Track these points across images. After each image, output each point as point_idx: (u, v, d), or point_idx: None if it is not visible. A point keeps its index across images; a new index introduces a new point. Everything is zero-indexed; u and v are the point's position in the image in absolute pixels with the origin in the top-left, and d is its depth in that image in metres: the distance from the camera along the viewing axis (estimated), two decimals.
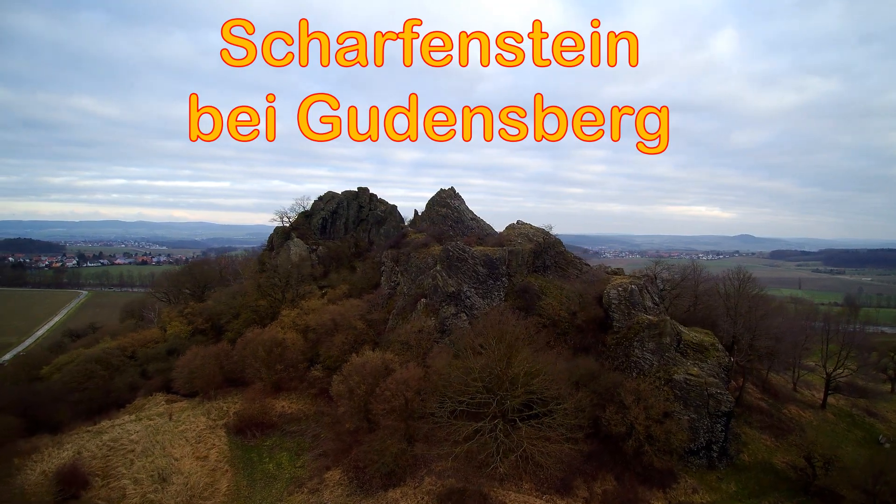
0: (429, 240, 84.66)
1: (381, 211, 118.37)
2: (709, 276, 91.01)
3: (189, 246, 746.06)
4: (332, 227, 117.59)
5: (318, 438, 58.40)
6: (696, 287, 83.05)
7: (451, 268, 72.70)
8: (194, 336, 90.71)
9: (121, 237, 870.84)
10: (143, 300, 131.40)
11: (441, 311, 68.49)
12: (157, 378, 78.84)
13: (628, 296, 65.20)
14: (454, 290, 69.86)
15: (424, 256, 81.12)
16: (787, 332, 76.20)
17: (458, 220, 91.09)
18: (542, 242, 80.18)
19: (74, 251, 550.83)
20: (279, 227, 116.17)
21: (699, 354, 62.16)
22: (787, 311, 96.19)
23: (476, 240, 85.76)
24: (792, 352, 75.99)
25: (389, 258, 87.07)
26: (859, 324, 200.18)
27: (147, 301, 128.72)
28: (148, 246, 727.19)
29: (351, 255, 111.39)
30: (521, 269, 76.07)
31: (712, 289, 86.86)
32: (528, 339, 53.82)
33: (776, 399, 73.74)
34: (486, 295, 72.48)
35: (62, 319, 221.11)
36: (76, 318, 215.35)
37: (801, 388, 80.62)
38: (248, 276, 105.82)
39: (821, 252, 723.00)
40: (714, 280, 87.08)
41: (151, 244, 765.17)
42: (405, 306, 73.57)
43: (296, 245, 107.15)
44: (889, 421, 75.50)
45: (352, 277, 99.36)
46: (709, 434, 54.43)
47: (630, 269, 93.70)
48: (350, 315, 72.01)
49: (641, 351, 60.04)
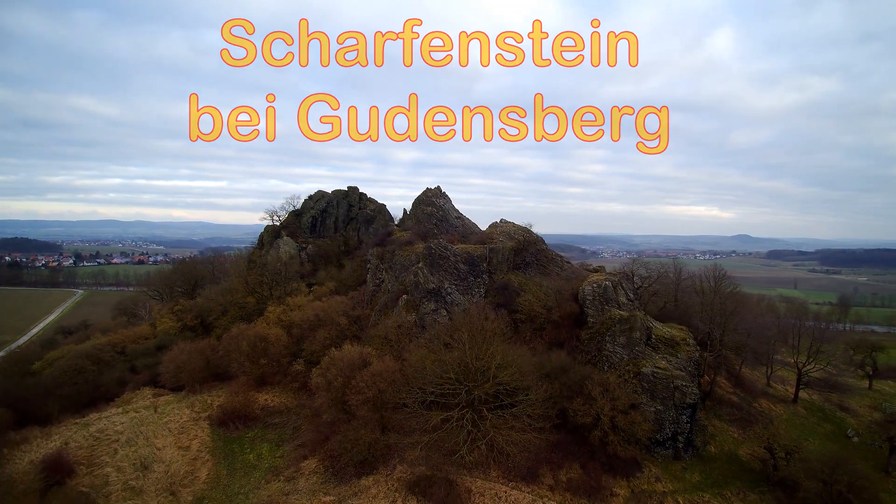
0: (413, 238, 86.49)
1: (370, 210, 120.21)
2: (688, 275, 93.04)
3: (187, 245, 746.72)
4: (322, 225, 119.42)
5: (299, 430, 60.17)
6: (677, 285, 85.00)
7: (433, 265, 74.47)
8: (183, 332, 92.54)
9: (119, 237, 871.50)
10: (136, 298, 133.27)
11: (421, 307, 70.28)
12: (145, 373, 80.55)
13: (602, 292, 67.02)
14: (435, 286, 71.65)
15: (408, 254, 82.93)
16: (757, 327, 78.10)
17: (442, 219, 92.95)
18: (523, 240, 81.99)
19: (71, 251, 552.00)
20: (269, 225, 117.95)
21: (670, 349, 63.93)
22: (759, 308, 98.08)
23: (459, 238, 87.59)
24: (764, 347, 77.88)
25: (375, 256, 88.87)
26: (849, 322, 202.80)
27: (139, 299, 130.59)
28: (145, 245, 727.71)
29: (340, 254, 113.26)
30: (502, 267, 77.89)
31: (690, 286, 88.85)
32: (501, 333, 55.56)
33: (748, 393, 75.52)
34: (467, 291, 74.29)
35: (57, 318, 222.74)
36: (70, 316, 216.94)
37: (774, 384, 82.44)
38: (237, 273, 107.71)
39: (817, 252, 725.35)
40: (692, 277, 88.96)
41: (149, 244, 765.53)
42: (388, 302, 75.37)
43: (285, 243, 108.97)
44: (860, 416, 77.26)
45: (339, 275, 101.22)
46: (674, 425, 56.22)
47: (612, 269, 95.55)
48: (334, 311, 73.76)
49: (613, 345, 61.83)
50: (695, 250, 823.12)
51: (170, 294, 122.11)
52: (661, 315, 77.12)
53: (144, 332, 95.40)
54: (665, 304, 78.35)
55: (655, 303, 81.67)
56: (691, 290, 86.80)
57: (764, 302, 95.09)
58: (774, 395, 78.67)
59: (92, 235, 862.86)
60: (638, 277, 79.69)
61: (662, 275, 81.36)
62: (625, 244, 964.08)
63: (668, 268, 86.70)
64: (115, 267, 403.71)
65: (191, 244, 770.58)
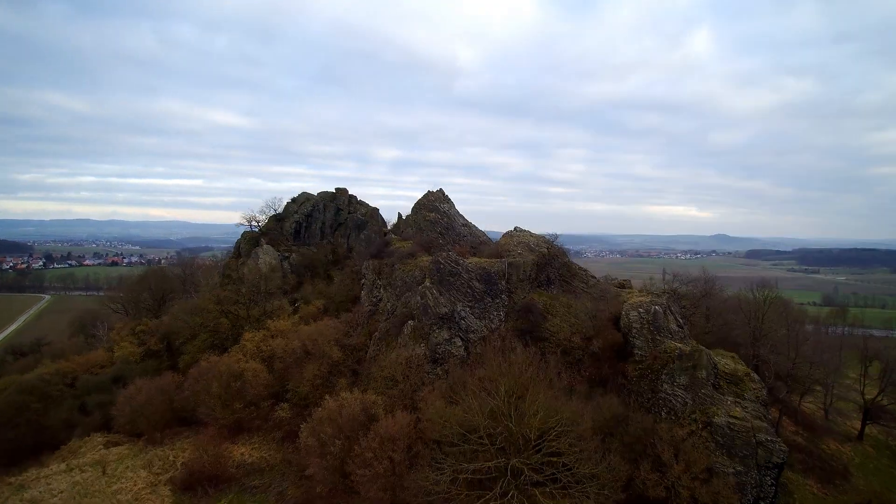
0: (416, 249, 74.32)
1: (361, 214, 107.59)
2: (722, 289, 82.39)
3: (164, 245, 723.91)
4: (307, 231, 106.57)
5: (285, 498, 47.83)
6: (708, 300, 74.00)
7: (443, 283, 62.49)
8: (145, 360, 79.28)
9: (93, 236, 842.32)
10: (97, 312, 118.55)
11: (432, 336, 58.21)
12: (97, 414, 67.32)
13: (652, 319, 55.57)
14: (447, 310, 59.62)
15: (411, 269, 70.79)
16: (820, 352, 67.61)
17: (448, 227, 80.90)
18: (546, 253, 70.26)
19: (43, 251, 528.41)
20: (247, 232, 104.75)
21: (735, 388, 52.93)
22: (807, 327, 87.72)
23: (469, 249, 75.65)
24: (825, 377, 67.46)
25: (371, 270, 76.51)
26: (847, 325, 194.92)
27: (101, 313, 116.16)
28: (120, 246, 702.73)
29: (328, 263, 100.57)
30: (523, 285, 66.17)
31: (728, 303, 78.17)
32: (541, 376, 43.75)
33: (811, 432, 64.97)
34: (483, 315, 62.41)
35: (18, 327, 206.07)
36: (32, 327, 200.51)
37: (832, 415, 72.04)
38: (209, 288, 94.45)
39: (795, 251, 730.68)
40: (724, 287, 78.31)
41: (124, 244, 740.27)
42: (389, 329, 63.12)
43: (265, 253, 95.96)
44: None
45: (328, 289, 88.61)
46: (757, 489, 45.00)
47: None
48: (324, 339, 61.36)
49: (672, 386, 50.46)
50: (676, 250, 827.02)
51: (135, 308, 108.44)
52: (704, 339, 66.26)
53: (99, 358, 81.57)
54: (708, 327, 67.18)
55: (693, 323, 70.54)
56: (729, 308, 76.20)
57: (802, 317, 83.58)
58: (837, 431, 68.23)
59: (66, 235, 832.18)
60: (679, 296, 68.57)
61: (706, 292, 70.23)
62: (607, 244, 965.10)
63: (707, 283, 75.68)
64: (84, 269, 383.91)
65: (168, 244, 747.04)
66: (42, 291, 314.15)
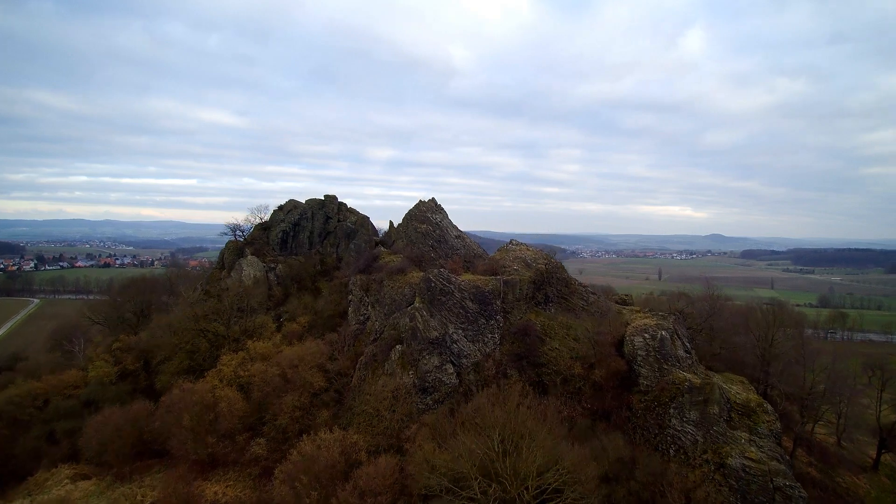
0: (406, 264, 70.12)
1: (351, 222, 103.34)
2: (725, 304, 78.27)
3: (158, 246, 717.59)
4: (295, 240, 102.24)
5: None
6: (714, 320, 69.71)
7: (434, 303, 58.38)
8: (120, 381, 75.00)
9: (87, 237, 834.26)
10: (76, 325, 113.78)
11: (421, 363, 54.08)
12: (65, 442, 63.31)
13: (658, 345, 51.50)
14: (438, 334, 55.48)
15: (400, 286, 66.67)
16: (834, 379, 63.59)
17: (440, 239, 76.67)
18: (544, 270, 66.13)
19: (35, 252, 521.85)
20: (231, 241, 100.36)
21: (747, 420, 48.99)
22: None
23: (462, 264, 71.61)
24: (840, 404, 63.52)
25: (358, 285, 72.34)
26: (846, 330, 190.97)
27: (81, 325, 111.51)
28: (114, 246, 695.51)
29: (316, 274, 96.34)
30: (519, 304, 62.04)
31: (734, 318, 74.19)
32: (538, 418, 39.64)
33: (824, 462, 61.00)
34: (477, 338, 58.27)
35: (4, 334, 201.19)
36: (19, 333, 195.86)
37: (845, 442, 68.09)
38: (193, 300, 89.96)
39: (790, 251, 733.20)
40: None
41: (118, 244, 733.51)
42: (376, 353, 58.90)
43: (249, 264, 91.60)
44: None
45: (315, 304, 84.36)
46: None
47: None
48: (306, 365, 57.18)
49: (681, 422, 46.46)
50: (671, 250, 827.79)
51: (115, 321, 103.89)
52: (711, 362, 62.43)
53: (72, 378, 76.99)
54: (717, 349, 63.15)
55: (698, 344, 66.55)
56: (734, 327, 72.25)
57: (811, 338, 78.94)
58: (850, 460, 64.29)
59: (59, 235, 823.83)
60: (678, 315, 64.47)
61: (712, 311, 66.15)
62: (602, 244, 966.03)
63: (712, 302, 71.58)
64: (75, 272, 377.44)
65: (162, 244, 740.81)
66: (31, 295, 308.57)
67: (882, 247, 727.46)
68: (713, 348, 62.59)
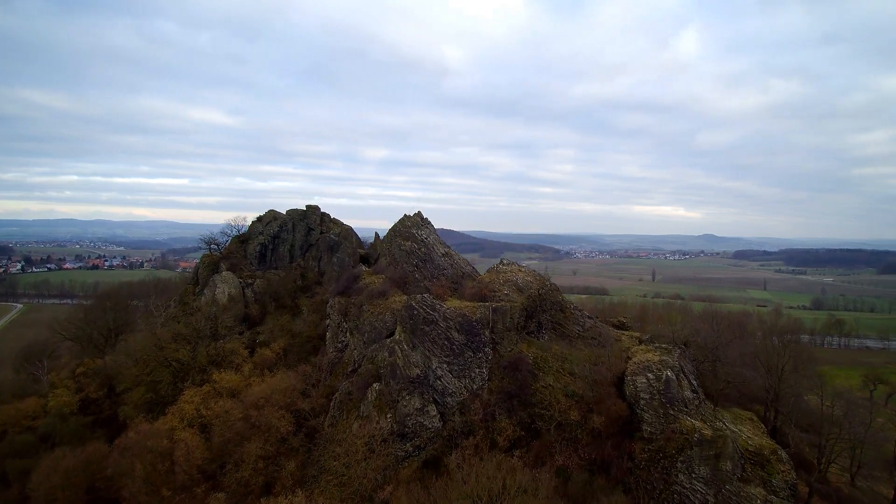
0: (387, 287, 64.74)
1: (334, 234, 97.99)
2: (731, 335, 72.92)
3: (149, 246, 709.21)
4: (274, 254, 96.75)
5: None
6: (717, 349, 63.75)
7: (417, 333, 53.09)
8: (82, 413, 69.61)
9: (77, 237, 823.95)
10: (47, 342, 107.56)
11: (400, 405, 48.77)
12: (16, 486, 57.78)
13: (663, 387, 46.33)
14: (419, 371, 50.19)
15: (381, 311, 61.31)
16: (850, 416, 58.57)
17: (425, 258, 71.22)
18: (536, 294, 60.90)
19: (25, 253, 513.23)
20: (206, 255, 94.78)
21: (761, 471, 44.00)
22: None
23: (449, 287, 66.35)
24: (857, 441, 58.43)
25: (336, 309, 66.90)
26: (843, 336, 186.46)
27: (50, 343, 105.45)
28: (104, 247, 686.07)
29: (296, 290, 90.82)
30: (510, 334, 56.70)
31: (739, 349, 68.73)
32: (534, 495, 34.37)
33: None
34: (464, 373, 52.98)
35: None
36: None
37: (858, 480, 63.13)
38: (164, 319, 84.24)
39: (782, 252, 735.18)
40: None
41: (109, 244, 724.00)
42: (351, 391, 53.56)
43: (223, 280, 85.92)
44: None
45: (293, 325, 79.01)
46: None
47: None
48: (274, 403, 51.73)
49: (689, 478, 41.34)
50: (664, 250, 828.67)
51: (86, 339, 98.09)
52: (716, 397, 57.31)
53: (31, 408, 71.15)
54: (727, 384, 57.90)
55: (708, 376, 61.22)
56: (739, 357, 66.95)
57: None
58: (865, 500, 59.29)
59: (49, 236, 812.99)
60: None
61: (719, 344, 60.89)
62: (596, 244, 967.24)
63: (711, 335, 66.18)
64: (61, 275, 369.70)
65: (153, 245, 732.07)
66: (16, 299, 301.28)
67: (873, 247, 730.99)
68: (719, 383, 57.44)
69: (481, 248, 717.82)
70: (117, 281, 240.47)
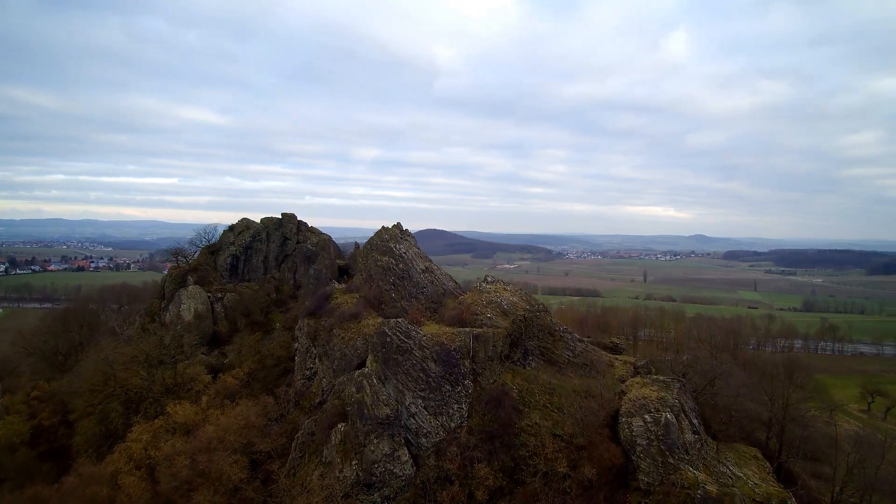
0: (360, 308, 59.22)
1: (311, 244, 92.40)
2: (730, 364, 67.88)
3: (138, 246, 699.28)
4: (247, 265, 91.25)
5: None
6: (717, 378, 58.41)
7: (389, 364, 47.75)
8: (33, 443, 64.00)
9: (65, 237, 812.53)
10: (7, 358, 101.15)
11: (367, 450, 43.34)
12: None
13: (662, 432, 41.17)
14: (390, 410, 44.78)
15: (352, 336, 55.88)
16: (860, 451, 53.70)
17: (403, 275, 65.72)
18: (523, 317, 55.56)
19: (10, 253, 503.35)
20: (173, 268, 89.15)
21: None
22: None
23: (428, 308, 60.99)
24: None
25: (305, 332, 61.35)
26: (836, 341, 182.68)
27: (10, 359, 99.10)
28: (92, 247, 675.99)
29: (270, 304, 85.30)
30: (492, 364, 51.38)
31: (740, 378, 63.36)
32: None
33: None
34: (440, 409, 47.61)
35: None
36: None
37: None
38: (125, 338, 78.51)
39: (772, 252, 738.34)
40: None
41: (97, 245, 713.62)
42: (314, 431, 48.05)
43: (189, 296, 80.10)
44: None
45: (262, 345, 73.52)
46: None
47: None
48: (228, 445, 46.22)
49: None
50: (655, 250, 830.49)
51: (51, 355, 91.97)
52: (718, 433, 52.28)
53: None
54: (729, 418, 52.81)
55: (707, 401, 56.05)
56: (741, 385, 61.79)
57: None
58: None
59: (37, 235, 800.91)
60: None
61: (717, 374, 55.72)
62: (588, 244, 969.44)
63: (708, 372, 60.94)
64: (44, 277, 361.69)
65: (142, 245, 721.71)
66: None
67: (861, 247, 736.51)
68: (720, 414, 52.42)
69: (474, 249, 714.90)
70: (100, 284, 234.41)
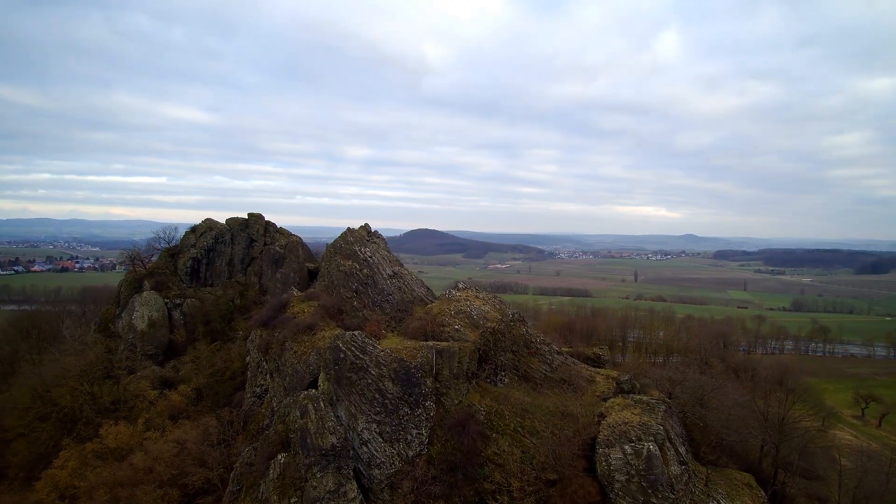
0: (317, 318, 53.77)
1: (279, 246, 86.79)
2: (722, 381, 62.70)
3: (126, 246, 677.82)
4: (210, 269, 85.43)
5: None
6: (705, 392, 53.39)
7: (342, 383, 42.41)
8: None
9: (52, 237, 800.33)
10: None
11: (309, 486, 37.82)
12: None
13: (644, 466, 35.92)
14: (336, 440, 39.26)
15: (306, 351, 50.47)
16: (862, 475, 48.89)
17: (367, 282, 60.28)
18: (495, 329, 50.23)
19: None
20: (129, 272, 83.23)
21: None
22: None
23: (394, 318, 55.68)
24: None
25: (257, 345, 55.85)
26: (827, 342, 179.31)
27: None
28: (79, 247, 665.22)
29: (233, 311, 79.69)
30: (458, 383, 46.00)
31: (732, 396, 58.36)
32: None
33: None
34: (397, 436, 42.19)
35: None
36: None
37: None
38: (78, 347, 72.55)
39: (761, 252, 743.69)
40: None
41: (84, 245, 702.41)
42: (253, 462, 42.48)
43: (143, 303, 74.26)
44: None
45: (217, 358, 67.92)
46: None
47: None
48: (155, 480, 40.68)
49: None
50: (646, 250, 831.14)
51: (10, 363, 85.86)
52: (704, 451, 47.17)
53: None
54: (720, 442, 47.68)
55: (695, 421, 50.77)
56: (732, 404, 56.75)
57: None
58: None
59: (22, 235, 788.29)
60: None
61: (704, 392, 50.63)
62: (579, 244, 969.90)
63: (694, 377, 55.98)
64: (25, 278, 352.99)
65: (130, 244, 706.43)
66: None
67: (849, 247, 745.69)
68: (709, 436, 47.30)
69: (466, 249, 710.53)
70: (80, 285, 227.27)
